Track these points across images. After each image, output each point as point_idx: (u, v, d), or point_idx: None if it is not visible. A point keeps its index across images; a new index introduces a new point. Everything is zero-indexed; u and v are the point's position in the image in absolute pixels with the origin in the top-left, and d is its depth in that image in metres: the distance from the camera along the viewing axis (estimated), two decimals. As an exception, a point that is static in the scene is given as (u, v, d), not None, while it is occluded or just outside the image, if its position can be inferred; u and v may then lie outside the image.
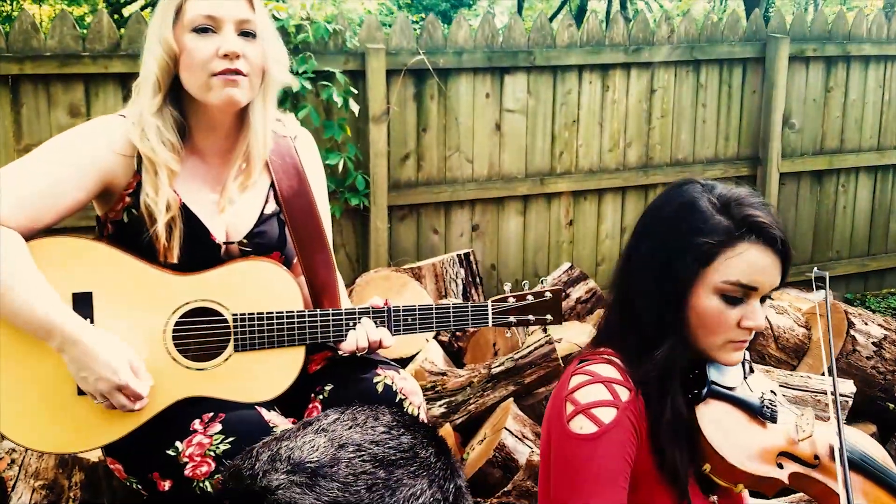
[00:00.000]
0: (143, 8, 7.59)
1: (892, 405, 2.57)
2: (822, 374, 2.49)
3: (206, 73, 1.40)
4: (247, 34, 1.42)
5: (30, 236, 1.31)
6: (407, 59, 3.97)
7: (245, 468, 0.66)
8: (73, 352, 1.28)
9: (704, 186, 1.23)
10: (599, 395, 1.16)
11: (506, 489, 1.86)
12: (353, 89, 3.80)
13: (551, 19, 10.24)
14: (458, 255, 3.65)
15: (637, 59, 4.53)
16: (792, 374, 2.39)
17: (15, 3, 7.63)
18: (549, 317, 1.59)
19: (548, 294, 1.59)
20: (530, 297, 1.58)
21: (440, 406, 2.24)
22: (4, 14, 7.13)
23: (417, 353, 2.85)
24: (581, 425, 1.14)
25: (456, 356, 2.98)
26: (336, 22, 3.90)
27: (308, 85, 3.69)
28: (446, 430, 2.14)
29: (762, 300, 1.20)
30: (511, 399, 2.11)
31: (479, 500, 1.93)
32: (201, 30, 1.42)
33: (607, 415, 1.14)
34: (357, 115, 3.84)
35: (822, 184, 5.14)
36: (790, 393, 2.31)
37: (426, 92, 4.10)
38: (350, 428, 0.69)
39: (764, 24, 4.84)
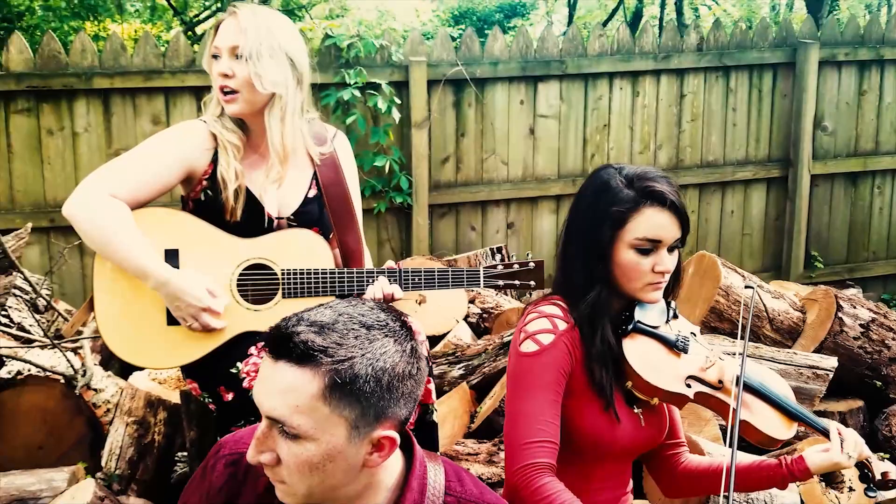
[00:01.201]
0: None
1: (879, 383, 2.81)
2: (813, 352, 2.76)
3: (218, 91, 1.85)
4: (238, 55, 1.82)
5: (133, 208, 1.75)
6: (447, 70, 4.36)
7: (282, 325, 1.06)
8: (165, 290, 1.72)
9: (616, 169, 1.56)
10: (542, 325, 1.51)
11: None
12: (396, 98, 4.22)
13: (604, 25, 10.49)
14: (492, 249, 4.01)
15: (667, 65, 4.80)
16: (779, 350, 2.67)
17: (100, 23, 8.34)
18: (532, 282, 1.94)
19: (531, 264, 1.95)
20: (517, 266, 1.94)
21: (459, 368, 2.62)
22: (94, 34, 7.85)
23: (449, 332, 3.23)
24: (527, 347, 1.50)
25: (483, 335, 3.33)
26: (383, 38, 4.32)
27: (357, 94, 4.12)
28: (463, 389, 2.51)
29: (670, 250, 1.53)
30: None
31: (483, 440, 2.29)
32: (213, 56, 1.86)
33: (547, 339, 1.49)
34: (400, 121, 4.26)
35: (856, 186, 5.26)
36: (777, 367, 2.59)
37: (464, 100, 4.49)
38: (346, 306, 1.08)
39: (793, 31, 5.03)
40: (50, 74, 3.96)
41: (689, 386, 1.55)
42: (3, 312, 3.43)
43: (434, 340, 3.14)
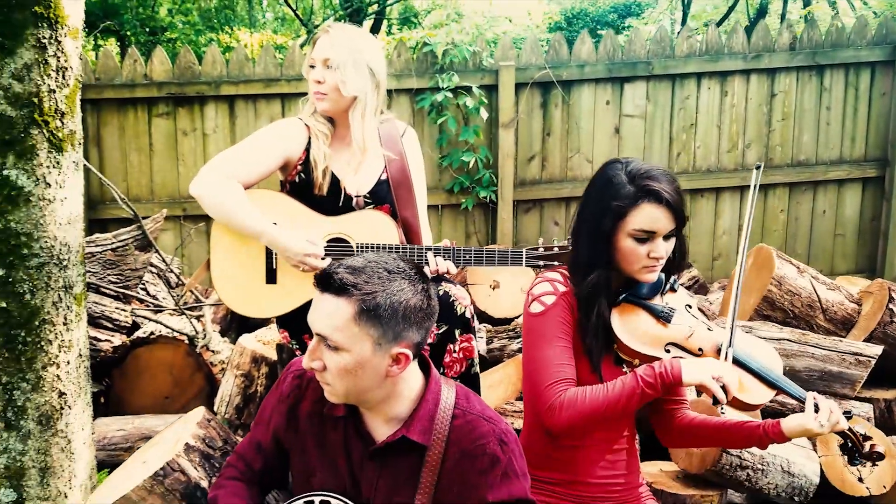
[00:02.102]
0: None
1: (924, 373, 2.85)
2: (864, 342, 2.85)
3: (312, 93, 2.25)
4: (329, 66, 2.21)
5: (244, 188, 2.19)
6: (534, 74, 4.64)
7: (327, 268, 1.44)
8: (276, 244, 2.14)
9: (623, 164, 1.78)
10: (545, 289, 1.77)
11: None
12: (485, 100, 4.54)
13: (719, 24, 10.34)
14: (569, 239, 4.25)
15: (757, 65, 4.86)
16: (825, 338, 2.78)
17: (231, 33, 9.14)
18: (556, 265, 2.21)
19: (570, 247, 2.21)
20: (556, 249, 2.22)
21: (517, 343, 2.92)
22: (226, 45, 8.65)
23: (519, 316, 3.52)
24: (534, 308, 1.77)
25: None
26: (476, 44, 4.66)
27: (450, 95, 4.48)
28: (518, 361, 2.80)
29: (665, 238, 1.75)
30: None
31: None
32: (310, 66, 2.26)
33: (549, 299, 1.75)
34: (489, 121, 4.58)
35: (958, 186, 5.09)
36: (821, 353, 2.72)
37: (551, 101, 4.75)
38: (375, 256, 1.45)
39: (894, 29, 4.95)
40: (185, 83, 4.56)
41: (668, 351, 1.76)
42: (142, 285, 4.03)
43: (506, 323, 3.44)
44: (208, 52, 4.60)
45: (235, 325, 4.35)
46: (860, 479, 2.39)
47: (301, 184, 2.26)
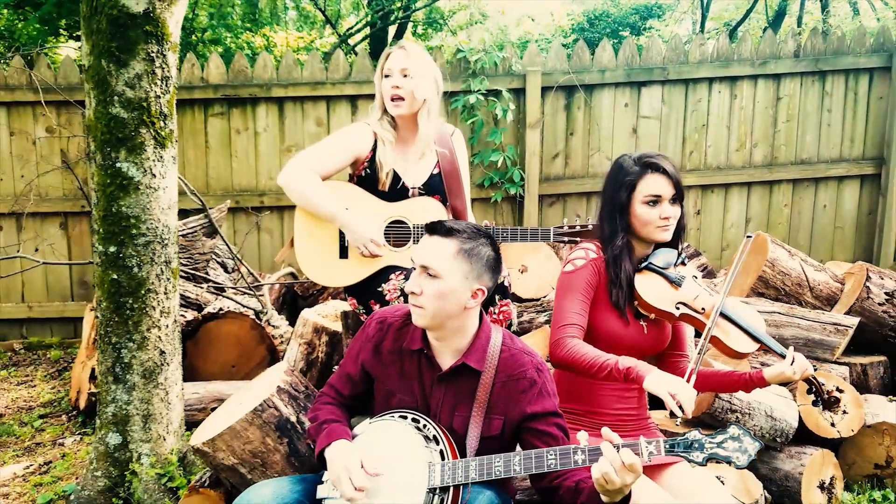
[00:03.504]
0: (363, 39, 9.32)
1: (900, 342, 3.26)
2: (845, 314, 3.26)
3: (388, 97, 2.67)
4: (405, 75, 2.64)
5: (322, 179, 2.63)
6: (559, 78, 5.07)
7: (434, 221, 1.91)
8: (347, 227, 2.57)
9: (629, 154, 2.24)
10: (578, 255, 2.22)
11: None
12: (512, 103, 4.97)
13: (735, 28, 10.68)
14: (589, 219, 4.67)
15: (764, 71, 5.25)
16: (811, 311, 3.21)
17: (256, 33, 9.58)
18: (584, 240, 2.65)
19: (590, 225, 2.65)
20: (578, 227, 2.65)
21: (544, 315, 3.36)
22: (260, 49, 9.13)
23: (545, 297, 3.95)
24: (568, 268, 2.21)
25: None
26: (505, 51, 5.09)
27: (481, 99, 4.92)
28: (544, 331, 3.24)
29: (671, 202, 2.19)
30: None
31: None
32: (385, 76, 2.68)
33: (580, 262, 2.19)
34: (516, 122, 5.00)
35: (952, 183, 5.45)
36: (806, 323, 3.14)
37: (574, 103, 5.17)
38: (464, 222, 1.93)
39: (891, 37, 5.32)
40: (239, 85, 5.02)
41: (678, 308, 2.21)
42: (205, 269, 4.49)
43: (534, 301, 3.88)
44: (260, 57, 5.06)
45: (287, 305, 4.82)
46: (832, 424, 2.81)
47: (367, 178, 2.72)
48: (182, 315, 3.94)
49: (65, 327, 5.20)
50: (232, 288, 4.23)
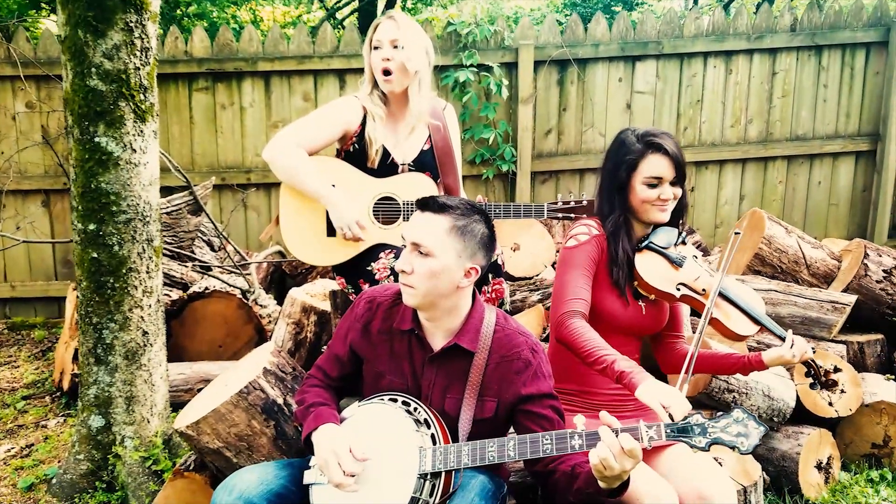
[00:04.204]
0: (351, 13, 9.15)
1: (896, 320, 3.23)
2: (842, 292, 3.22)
3: (378, 71, 2.57)
4: (396, 46, 2.54)
5: (309, 154, 2.54)
6: (552, 52, 4.96)
7: (425, 197, 1.83)
8: (332, 206, 2.47)
9: (632, 130, 2.16)
10: (581, 230, 2.15)
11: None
12: (505, 79, 4.87)
13: (729, 2, 10.54)
14: (584, 195, 4.59)
15: (759, 45, 5.16)
16: (807, 289, 3.16)
17: (253, 11, 9.39)
18: (585, 216, 2.57)
19: (584, 201, 2.58)
20: (573, 203, 2.58)
21: (537, 294, 3.29)
22: (246, 23, 8.94)
23: (538, 275, 3.89)
24: (570, 243, 2.13)
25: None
26: (497, 24, 4.98)
27: (472, 76, 4.81)
28: (538, 309, 3.18)
29: (672, 184, 2.12)
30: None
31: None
32: (374, 47, 2.58)
33: (583, 238, 2.12)
34: (508, 97, 4.90)
35: (947, 160, 5.40)
36: (803, 301, 3.09)
37: (567, 78, 5.07)
38: (458, 198, 1.84)
39: (888, 11, 5.24)
40: (224, 59, 4.89)
41: (678, 289, 2.15)
42: (191, 247, 4.40)
43: (526, 279, 3.81)
44: (245, 31, 4.93)
45: (275, 284, 4.74)
46: (830, 404, 2.77)
47: (355, 153, 2.62)
48: (167, 294, 3.86)
49: (49, 307, 5.10)
50: (218, 267, 4.15)
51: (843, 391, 2.78)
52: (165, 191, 4.60)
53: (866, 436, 2.85)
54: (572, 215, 2.58)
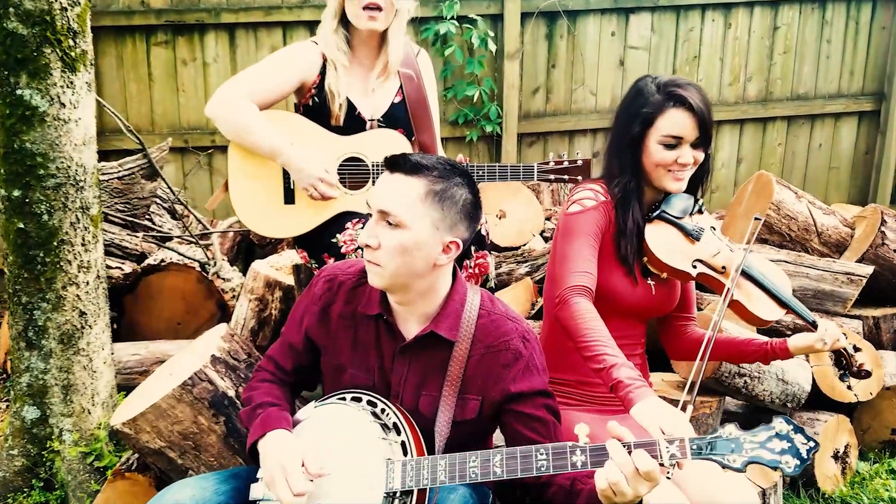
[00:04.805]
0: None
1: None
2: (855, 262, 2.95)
3: (359, 7, 2.20)
4: None
5: (260, 109, 2.20)
6: (540, 3, 4.60)
7: (395, 154, 1.52)
8: (292, 164, 2.15)
9: (652, 78, 1.84)
10: (586, 195, 1.85)
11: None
12: (490, 32, 4.51)
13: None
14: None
15: (761, -3, 4.84)
16: (820, 259, 2.89)
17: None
18: (579, 177, 2.27)
19: (579, 161, 2.27)
20: (566, 163, 2.27)
21: (525, 266, 2.99)
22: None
23: (525, 244, 3.59)
24: (573, 209, 1.83)
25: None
26: (480, -28, 4.59)
27: (453, 28, 4.45)
28: (526, 282, 2.88)
29: (693, 146, 1.81)
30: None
31: (539, 320, 2.66)
32: None
33: (590, 203, 1.82)
34: (493, 53, 4.55)
35: (952, 121, 5.15)
36: (815, 273, 2.82)
37: (556, 32, 4.72)
38: (434, 156, 1.53)
39: (898, -40, 4.92)
40: (184, 10, 4.49)
41: (694, 267, 1.85)
42: (147, 215, 4.06)
43: (513, 250, 3.51)
44: (207, -21, 4.53)
45: (242, 255, 4.41)
46: (849, 387, 2.51)
47: (315, 108, 2.28)
48: (119, 267, 3.53)
49: (-1, 280, 4.74)
50: (178, 237, 3.81)
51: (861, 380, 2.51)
52: (122, 154, 4.25)
53: (886, 421, 2.61)
54: (566, 177, 2.27)
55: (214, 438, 1.97)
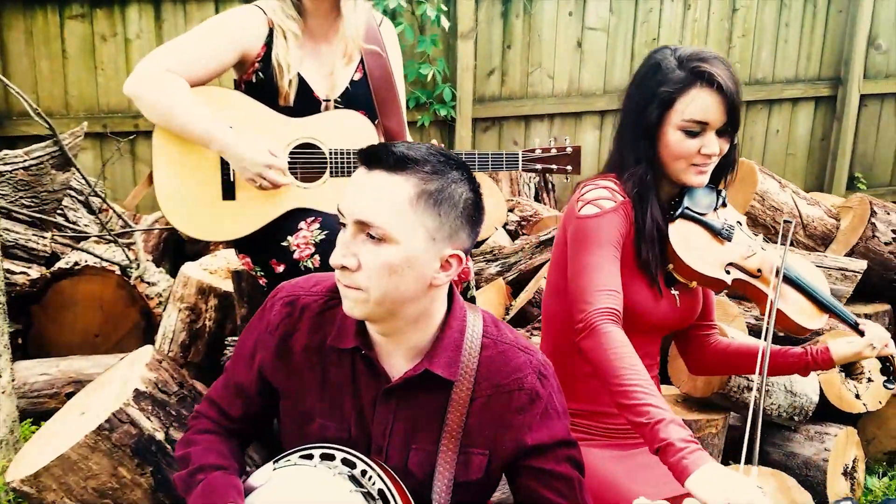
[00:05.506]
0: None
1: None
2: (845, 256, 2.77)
3: None
4: None
5: (191, 86, 1.82)
6: (495, -22, 4.29)
7: (374, 145, 1.20)
8: (230, 150, 1.79)
9: (672, 50, 1.56)
10: (602, 194, 1.55)
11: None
12: (443, 7, 4.17)
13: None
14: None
15: (721, -23, 4.67)
16: (810, 253, 2.70)
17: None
18: (569, 167, 1.98)
19: (569, 149, 1.97)
20: (554, 150, 1.97)
21: (496, 266, 2.69)
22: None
23: (488, 238, 3.29)
24: (588, 211, 1.53)
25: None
26: (431, -57, 4.25)
27: (404, 3, 4.09)
28: (499, 283, 2.58)
29: (720, 134, 1.54)
30: (554, 258, 2.54)
31: (519, 328, 2.38)
32: None
33: (608, 204, 1.53)
34: (447, 31, 4.22)
35: (905, 107, 5.13)
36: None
37: (512, 10, 4.42)
38: (428, 145, 1.22)
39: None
40: (103, -21, 4.03)
41: (728, 272, 1.59)
42: (60, 210, 3.59)
43: (478, 245, 3.21)
44: (126, -55, 4.05)
45: (169, 254, 3.98)
46: (857, 396, 2.31)
47: (259, 84, 1.91)
48: (24, 272, 3.08)
49: None
50: (95, 235, 3.37)
51: (870, 380, 2.32)
52: (31, 141, 3.76)
53: (891, 430, 2.43)
54: (553, 167, 1.97)
55: (140, 494, 1.60)
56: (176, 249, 4.04)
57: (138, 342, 3.00)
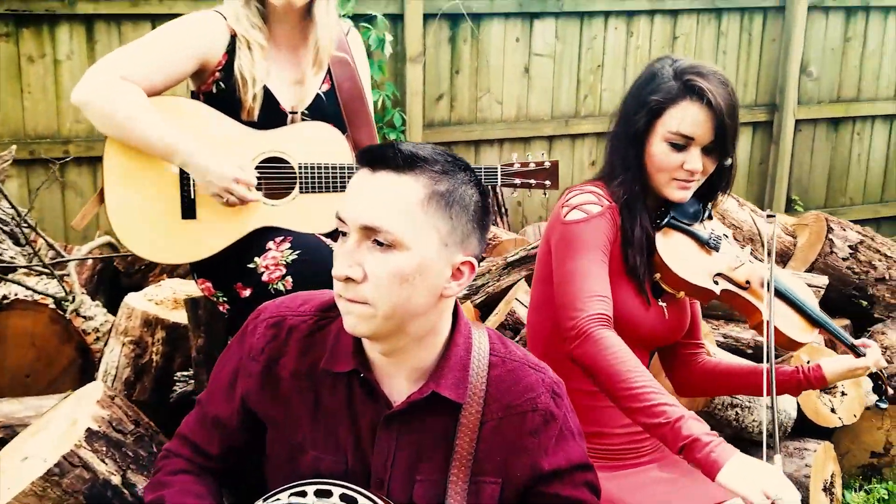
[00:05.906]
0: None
1: (864, 303, 2.87)
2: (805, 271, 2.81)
3: None
4: None
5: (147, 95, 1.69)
6: (443, 4, 4.28)
7: (377, 145, 1.13)
8: (194, 162, 1.66)
9: (673, 60, 1.55)
10: (588, 199, 1.52)
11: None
12: (388, 34, 4.13)
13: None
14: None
15: (661, 6, 4.78)
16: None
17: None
18: (547, 182, 1.93)
19: (547, 163, 1.93)
20: (533, 165, 1.92)
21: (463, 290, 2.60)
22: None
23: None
24: (574, 216, 1.50)
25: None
26: (379, -32, 4.21)
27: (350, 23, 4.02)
28: (467, 307, 2.49)
29: (705, 152, 1.52)
30: (523, 279, 2.47)
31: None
32: None
33: (594, 209, 1.51)
34: (395, 56, 4.17)
35: (837, 131, 5.34)
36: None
37: (460, 35, 4.41)
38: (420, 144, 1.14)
39: (785, -25, 5.03)
40: (30, -3, 3.83)
41: (716, 283, 1.58)
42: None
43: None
44: (57, -38, 3.87)
45: (105, 287, 3.76)
46: (832, 410, 2.31)
47: (220, 96, 1.79)
48: (-54, 308, 2.83)
49: None
50: (24, 267, 3.15)
51: (843, 393, 2.32)
52: (-51, 168, 3.51)
53: (865, 443, 2.44)
54: (532, 182, 1.92)
55: (95, 546, 1.42)
56: (111, 281, 3.82)
57: (74, 382, 2.78)
